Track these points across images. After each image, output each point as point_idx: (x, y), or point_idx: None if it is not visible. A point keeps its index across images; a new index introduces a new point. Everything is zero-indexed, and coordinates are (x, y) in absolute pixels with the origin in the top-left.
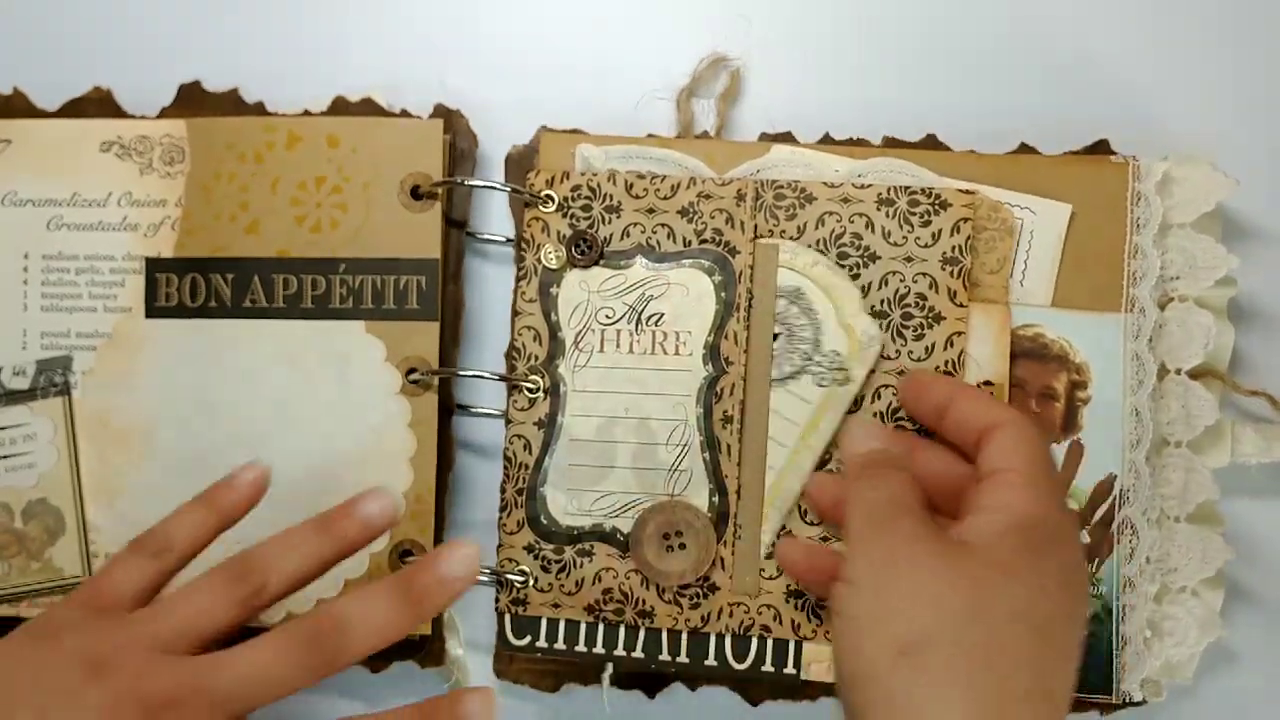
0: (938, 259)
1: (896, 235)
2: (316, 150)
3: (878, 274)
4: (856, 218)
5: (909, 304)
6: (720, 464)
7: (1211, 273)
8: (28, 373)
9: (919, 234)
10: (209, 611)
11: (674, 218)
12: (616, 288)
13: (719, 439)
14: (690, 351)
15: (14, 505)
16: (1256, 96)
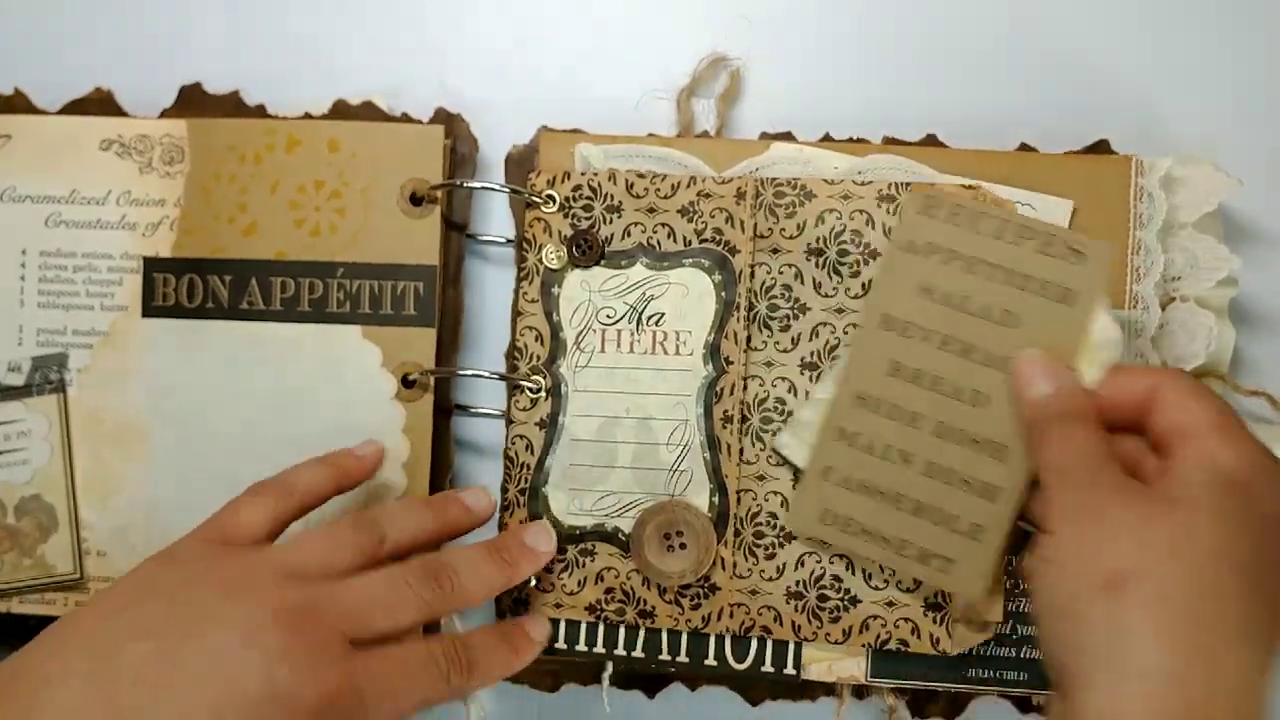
0: None
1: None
2: (316, 154)
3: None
4: (857, 214)
5: None
6: (720, 464)
7: (1213, 273)
8: (23, 369)
9: None
10: (332, 551)
11: (674, 217)
12: (617, 287)
13: (719, 439)
14: (691, 351)
15: (7, 501)
16: (1256, 96)
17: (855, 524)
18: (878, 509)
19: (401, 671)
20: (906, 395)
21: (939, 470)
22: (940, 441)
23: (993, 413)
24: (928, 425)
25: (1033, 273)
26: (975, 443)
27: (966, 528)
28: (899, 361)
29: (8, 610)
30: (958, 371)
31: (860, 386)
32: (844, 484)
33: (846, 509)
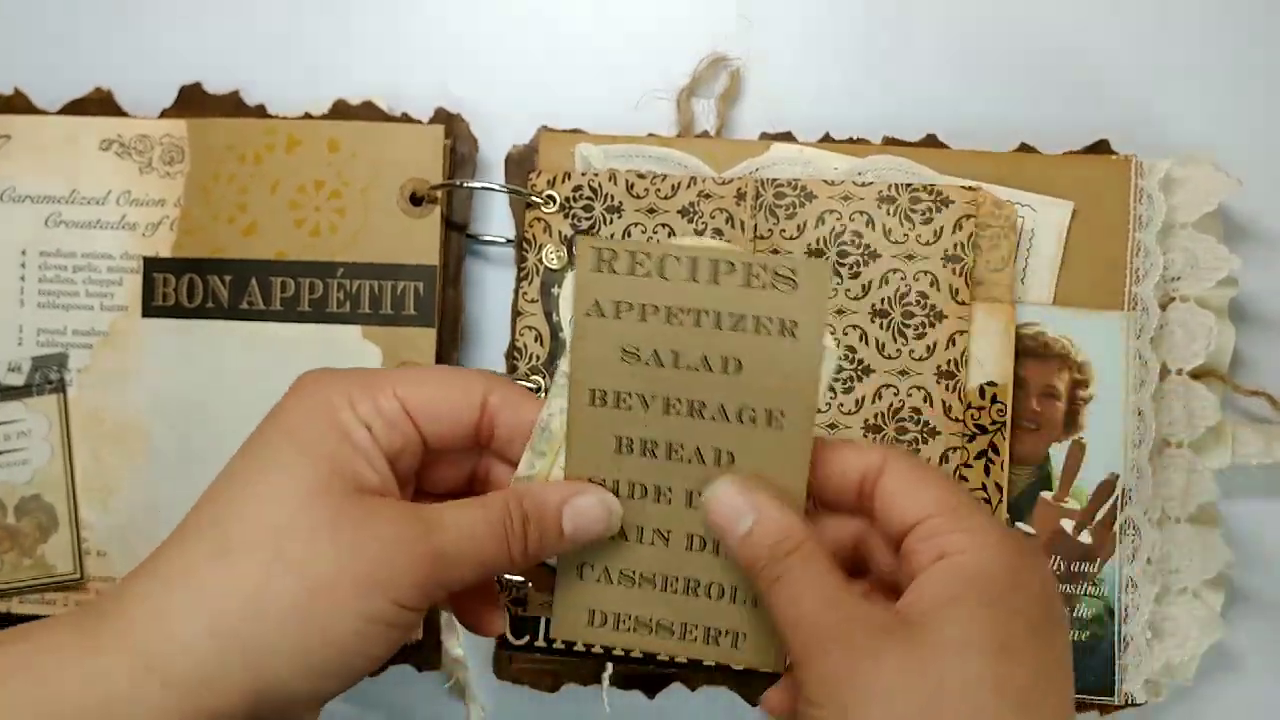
0: (939, 257)
1: (897, 233)
2: (316, 154)
3: (878, 272)
4: (857, 215)
5: (910, 302)
6: None
7: (1213, 273)
8: (23, 369)
9: (920, 231)
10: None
11: (674, 217)
12: None
13: None
14: None
15: (7, 501)
16: (1256, 96)
17: (628, 618)
18: (646, 596)
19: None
20: (643, 471)
21: (702, 542)
22: (695, 511)
23: (745, 468)
24: (678, 497)
25: (743, 310)
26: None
27: (748, 596)
28: (622, 436)
29: (8, 610)
30: (692, 433)
31: (588, 473)
32: (604, 578)
33: (613, 604)
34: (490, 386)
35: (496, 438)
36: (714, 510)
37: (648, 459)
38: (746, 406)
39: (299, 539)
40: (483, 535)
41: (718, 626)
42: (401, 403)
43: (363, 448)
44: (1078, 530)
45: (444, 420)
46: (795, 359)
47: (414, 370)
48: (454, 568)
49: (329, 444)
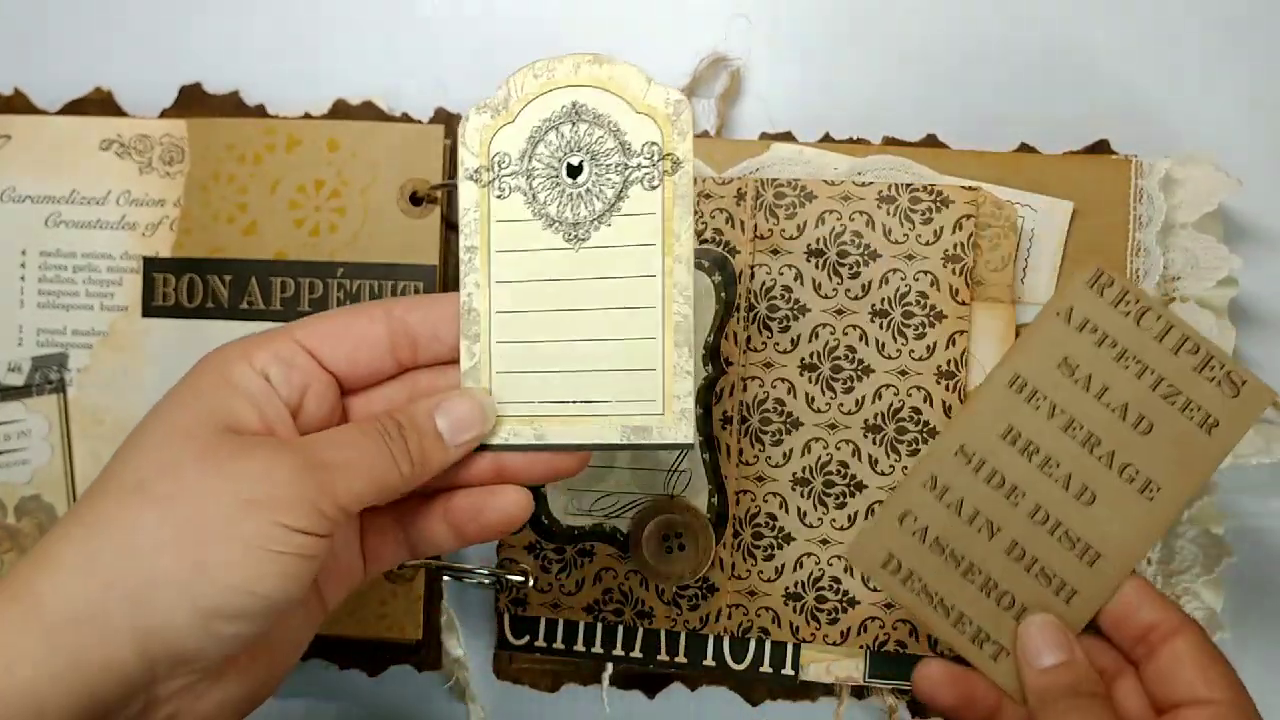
0: (939, 256)
1: (897, 233)
2: (316, 153)
3: (878, 272)
4: (857, 215)
5: (910, 302)
6: (719, 464)
7: (1213, 273)
8: (23, 369)
9: (920, 231)
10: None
11: None
12: None
13: (718, 439)
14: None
15: (7, 501)
16: (1256, 96)
17: (917, 580)
18: (946, 572)
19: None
20: (1013, 464)
21: (1023, 554)
22: (1034, 525)
23: (1097, 515)
24: (1026, 504)
25: (1184, 389)
26: (1070, 539)
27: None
28: (1016, 427)
29: None
30: (1074, 459)
31: (967, 438)
32: (918, 534)
33: (913, 561)
34: (391, 304)
35: (420, 344)
36: (1030, 636)
37: (1022, 458)
38: (1133, 465)
39: (165, 475)
40: (361, 445)
41: (990, 634)
42: (301, 344)
43: (249, 393)
44: None
45: (349, 344)
46: (1201, 451)
47: (315, 315)
48: (340, 479)
49: (210, 393)
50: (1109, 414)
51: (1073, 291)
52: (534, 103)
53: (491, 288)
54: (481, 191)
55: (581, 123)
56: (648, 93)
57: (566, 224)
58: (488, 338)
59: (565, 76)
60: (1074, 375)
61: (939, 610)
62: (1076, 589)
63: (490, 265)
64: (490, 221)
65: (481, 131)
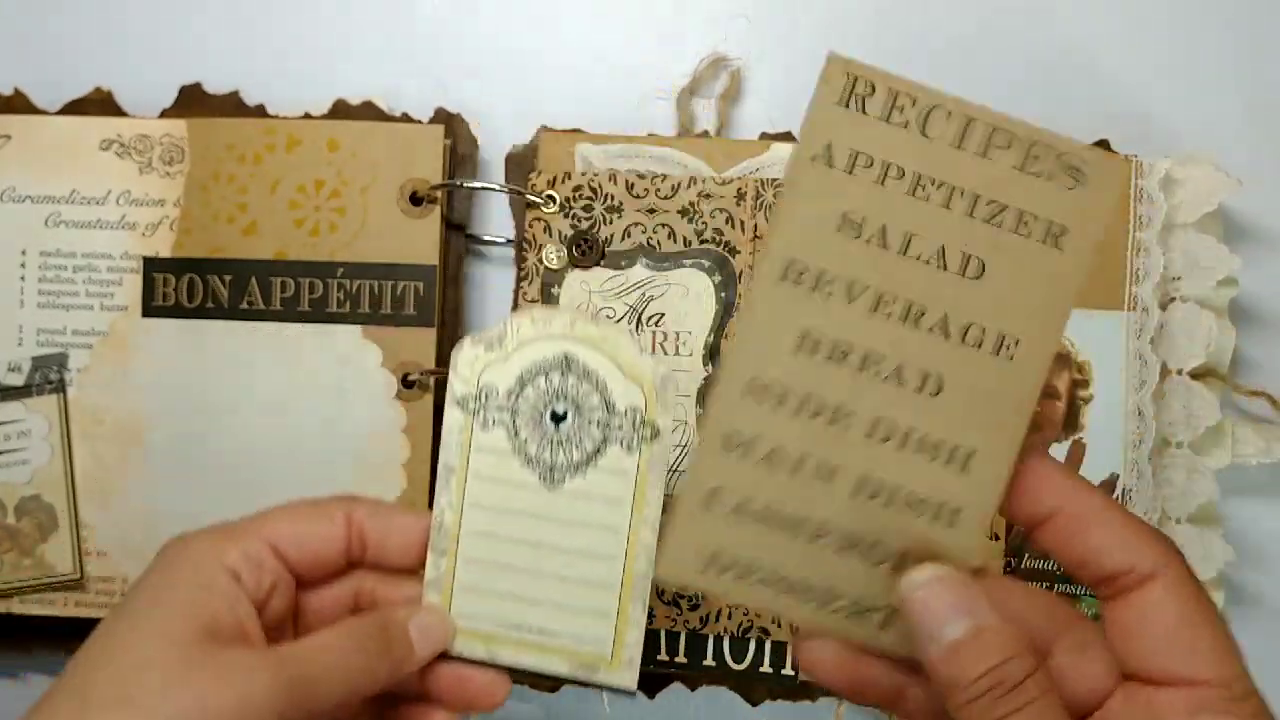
0: None
1: None
2: (316, 153)
3: None
4: None
5: None
6: None
7: (1213, 273)
8: (23, 369)
9: None
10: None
11: (674, 218)
12: (617, 288)
13: None
14: (690, 352)
15: (7, 501)
16: (1256, 96)
17: (758, 570)
18: (788, 545)
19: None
20: (825, 380)
21: (876, 488)
22: (877, 445)
23: (951, 402)
24: (858, 423)
25: (1008, 199)
26: (928, 447)
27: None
28: (811, 331)
29: (8, 610)
30: (898, 344)
31: (754, 370)
32: (737, 513)
33: (743, 549)
34: (352, 505)
35: (369, 547)
36: (915, 605)
37: (834, 366)
38: (975, 324)
39: (151, 688)
40: (342, 656)
41: (868, 600)
42: (269, 544)
43: (224, 594)
44: None
45: (311, 547)
46: (1052, 275)
47: (276, 509)
48: (318, 691)
49: (188, 593)
50: (924, 269)
51: (824, 120)
52: (528, 346)
53: (464, 509)
54: (466, 418)
55: (571, 375)
56: (638, 360)
57: (544, 465)
58: (454, 554)
59: (561, 329)
60: (862, 234)
61: (797, 595)
62: (957, 505)
63: (466, 488)
64: (471, 447)
65: (474, 362)
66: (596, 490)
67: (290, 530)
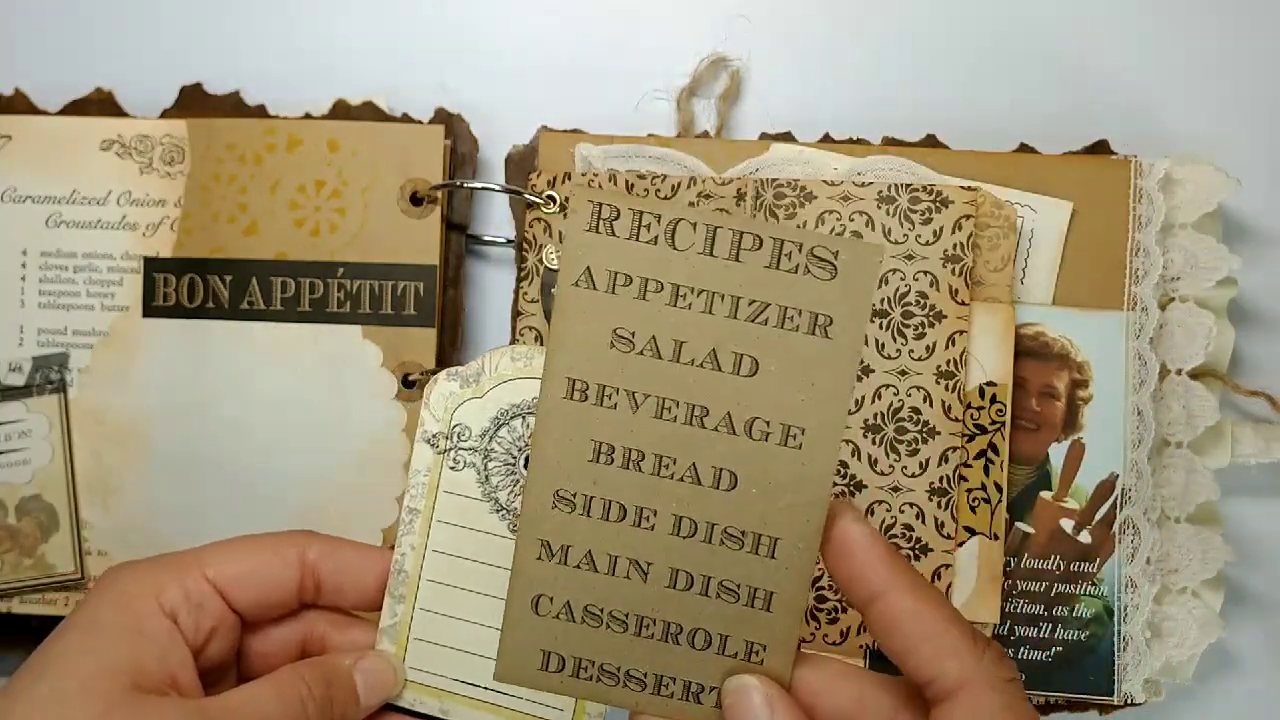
0: (939, 257)
1: (897, 233)
2: (317, 154)
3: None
4: (857, 215)
5: (909, 302)
6: None
7: (1213, 273)
8: (24, 369)
9: (920, 231)
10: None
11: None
12: None
13: None
14: None
15: (8, 501)
16: (1256, 96)
17: (590, 664)
18: (615, 639)
19: None
20: (624, 486)
21: (690, 580)
22: (683, 542)
23: (747, 496)
24: (662, 522)
25: (767, 297)
26: (733, 537)
27: (740, 649)
28: (601, 441)
29: (8, 610)
30: (687, 445)
31: (557, 482)
32: (564, 615)
33: (574, 647)
34: (306, 542)
35: (323, 590)
36: (729, 711)
37: (630, 472)
38: (759, 418)
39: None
40: (274, 711)
41: (699, 681)
42: (212, 583)
43: (155, 639)
44: (1077, 530)
45: (260, 587)
46: (825, 363)
47: (224, 544)
48: None
49: (116, 638)
50: (700, 372)
51: (579, 246)
52: (506, 385)
53: (426, 554)
54: (436, 458)
55: None
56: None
57: (514, 513)
58: (412, 601)
59: (541, 368)
60: (635, 347)
61: (631, 686)
62: (770, 588)
63: (430, 532)
64: (439, 490)
65: (448, 399)
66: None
67: (237, 569)
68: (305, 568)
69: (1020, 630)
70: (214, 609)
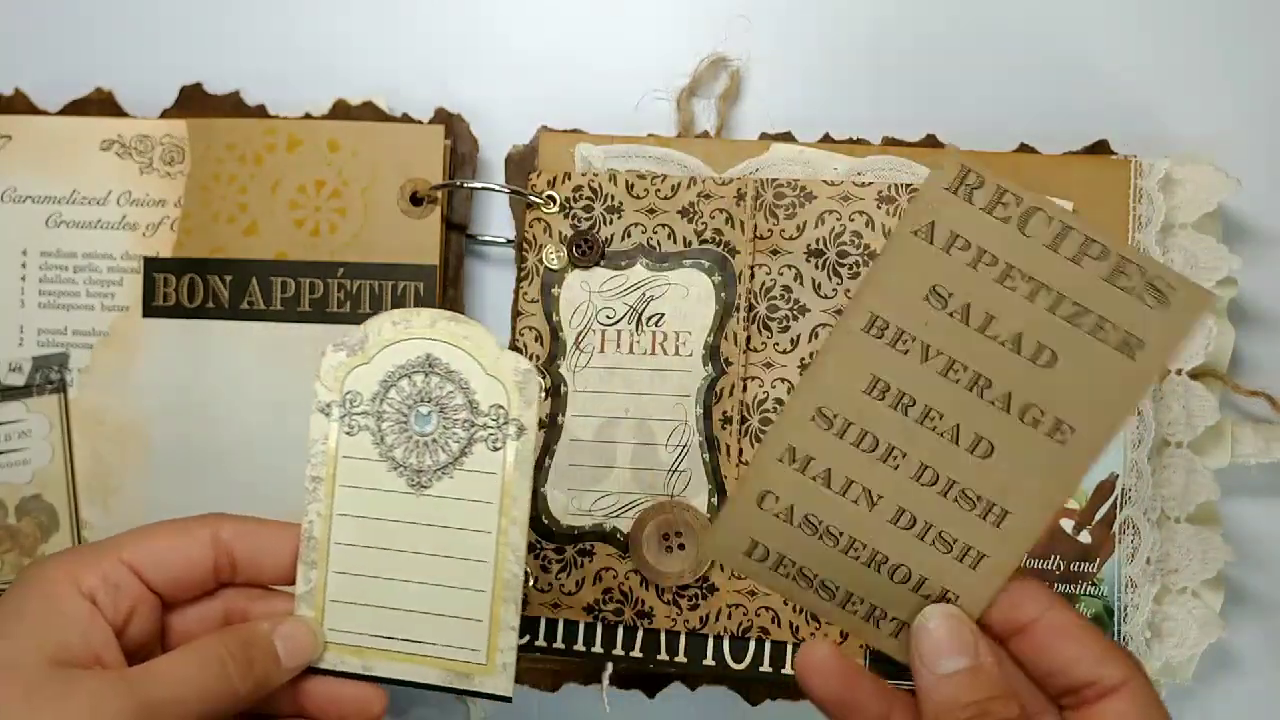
0: None
1: None
2: (317, 154)
3: None
4: (857, 216)
5: None
6: (719, 465)
7: (1213, 273)
8: (24, 369)
9: None
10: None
11: (674, 218)
12: (617, 288)
13: (718, 440)
14: (690, 352)
15: (8, 501)
16: (1256, 96)
17: (789, 564)
18: (823, 551)
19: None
20: (885, 422)
21: (913, 521)
22: (921, 487)
23: (998, 466)
24: (908, 465)
25: (1091, 305)
26: (968, 498)
27: (937, 592)
28: (881, 378)
29: None
30: (961, 407)
31: (825, 399)
32: (782, 515)
33: (781, 544)
34: (219, 524)
35: (240, 566)
36: (924, 634)
37: (897, 413)
38: (1036, 406)
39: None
40: (197, 675)
41: (885, 609)
42: (128, 565)
43: (75, 619)
44: (1077, 530)
45: (175, 567)
46: (1120, 380)
47: (141, 529)
48: (173, 712)
49: (34, 621)
50: (999, 349)
51: (932, 201)
52: (390, 348)
53: (333, 519)
54: (331, 425)
55: (434, 375)
56: (499, 358)
57: (410, 469)
58: (324, 566)
59: (422, 329)
60: (947, 307)
61: (821, 593)
62: (985, 551)
63: (334, 498)
64: (337, 456)
65: (337, 368)
66: (464, 492)
67: (150, 552)
68: (219, 546)
69: None
70: (131, 589)
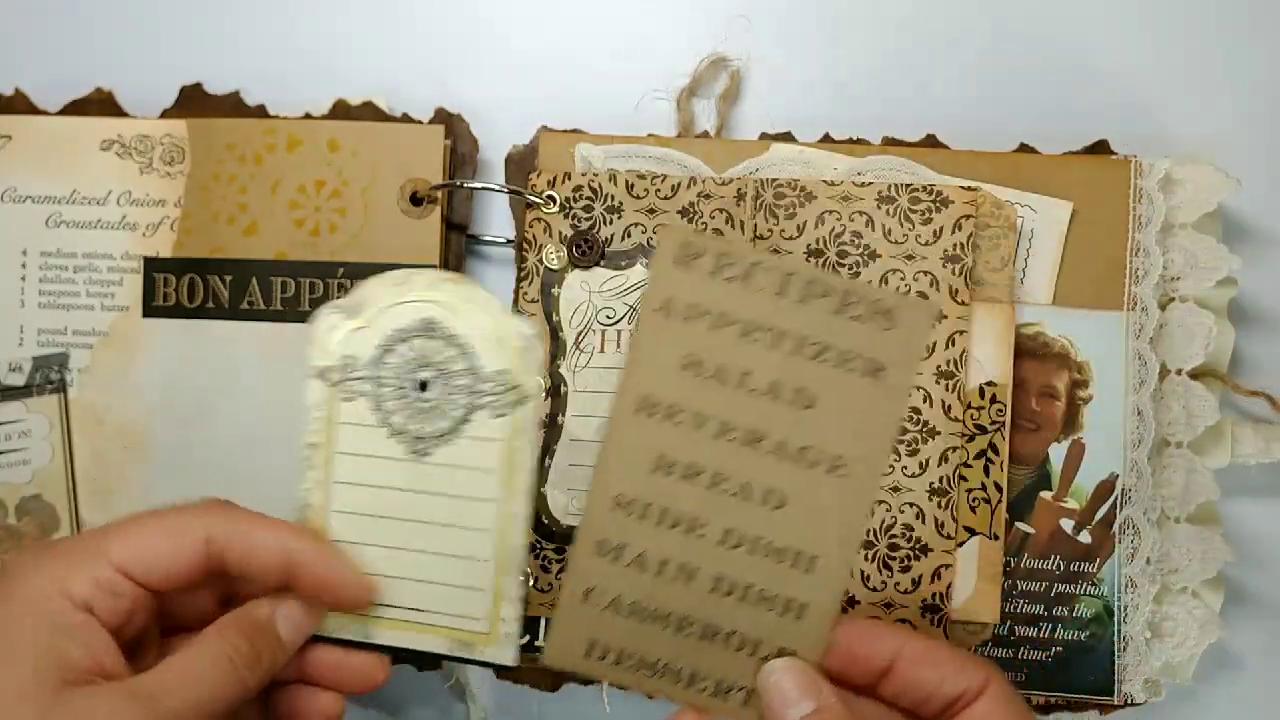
0: (939, 257)
1: (897, 233)
2: (317, 154)
3: (878, 272)
4: (857, 216)
5: None
6: None
7: (1213, 273)
8: (24, 369)
9: (920, 231)
10: None
11: (674, 218)
12: (617, 288)
13: None
14: None
15: (8, 501)
16: (1256, 96)
17: (631, 655)
18: (656, 636)
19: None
20: (679, 496)
21: (731, 586)
22: (729, 552)
23: (793, 515)
24: (712, 532)
25: (829, 340)
26: (775, 551)
27: (773, 651)
28: (666, 454)
29: None
30: (743, 465)
31: (619, 487)
32: (612, 608)
33: (618, 638)
34: (210, 523)
35: (230, 566)
36: (769, 689)
37: (687, 485)
38: (810, 447)
39: None
40: (208, 678)
41: (730, 680)
42: (119, 569)
43: (76, 632)
44: (1077, 530)
45: (168, 568)
46: (876, 404)
47: (127, 525)
48: (189, 714)
49: (36, 638)
50: (761, 401)
51: (663, 279)
52: (389, 311)
53: (331, 487)
54: (329, 391)
55: (435, 339)
56: (502, 322)
57: (410, 436)
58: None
59: (422, 291)
60: (704, 373)
61: (667, 678)
62: (805, 600)
63: (332, 465)
64: (335, 422)
65: (332, 331)
66: (466, 460)
67: (140, 554)
68: (212, 546)
69: (1020, 630)
70: (128, 592)
